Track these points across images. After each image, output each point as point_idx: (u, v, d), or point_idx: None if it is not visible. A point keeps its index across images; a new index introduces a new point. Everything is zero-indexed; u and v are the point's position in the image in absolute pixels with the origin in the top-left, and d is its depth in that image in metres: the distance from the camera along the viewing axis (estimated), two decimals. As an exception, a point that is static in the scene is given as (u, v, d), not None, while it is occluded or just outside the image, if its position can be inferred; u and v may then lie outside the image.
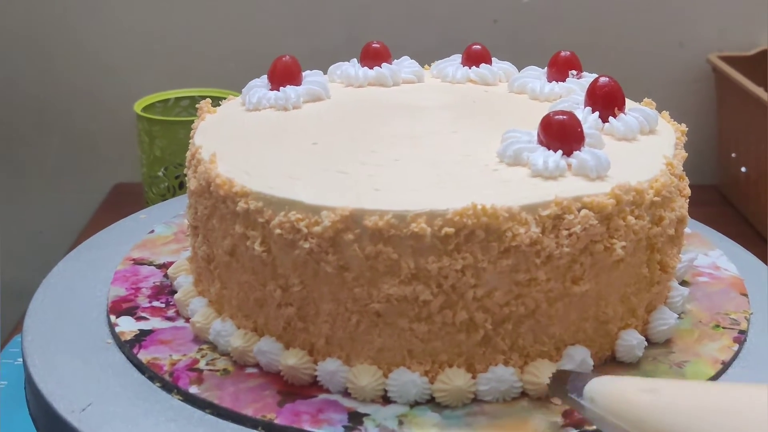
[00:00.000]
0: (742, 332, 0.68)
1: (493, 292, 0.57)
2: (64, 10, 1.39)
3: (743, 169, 1.31)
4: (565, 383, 0.55)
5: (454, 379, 0.59)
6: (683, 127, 0.73)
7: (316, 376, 0.61)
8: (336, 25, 1.39)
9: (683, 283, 0.73)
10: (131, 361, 0.65)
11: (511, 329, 0.59)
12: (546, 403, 0.59)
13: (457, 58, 0.88)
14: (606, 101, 0.69)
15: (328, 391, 0.60)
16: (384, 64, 0.85)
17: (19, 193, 1.47)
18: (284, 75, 0.79)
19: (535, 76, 0.82)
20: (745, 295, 0.73)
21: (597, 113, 0.69)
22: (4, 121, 1.44)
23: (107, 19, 1.39)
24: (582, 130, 0.63)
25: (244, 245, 0.61)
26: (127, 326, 0.68)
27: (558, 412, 0.58)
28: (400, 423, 0.57)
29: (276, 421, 0.57)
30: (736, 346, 0.66)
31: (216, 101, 1.28)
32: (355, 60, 0.87)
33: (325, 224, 0.56)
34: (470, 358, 0.60)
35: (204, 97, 1.27)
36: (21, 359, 0.75)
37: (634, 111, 0.71)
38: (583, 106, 0.71)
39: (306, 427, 0.57)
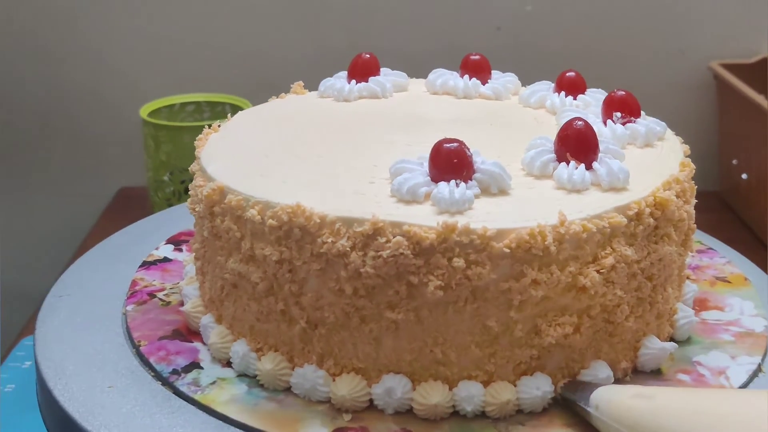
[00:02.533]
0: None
1: (306, 291, 0.60)
2: (70, 15, 1.40)
3: (744, 176, 1.31)
4: (574, 392, 0.60)
5: (267, 363, 0.63)
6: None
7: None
8: (339, 32, 1.40)
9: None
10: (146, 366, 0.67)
11: (324, 334, 0.61)
12: (340, 413, 0.61)
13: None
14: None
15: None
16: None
17: (24, 196, 1.48)
18: (365, 70, 0.86)
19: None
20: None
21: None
22: (10, 124, 1.45)
23: (114, 24, 1.40)
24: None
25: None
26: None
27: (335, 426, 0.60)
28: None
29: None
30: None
31: (221, 106, 1.28)
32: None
33: (206, 192, 0.65)
34: (291, 350, 0.63)
35: (209, 103, 1.28)
36: (28, 363, 0.75)
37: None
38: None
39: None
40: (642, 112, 0.74)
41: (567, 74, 0.80)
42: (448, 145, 0.61)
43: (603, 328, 0.62)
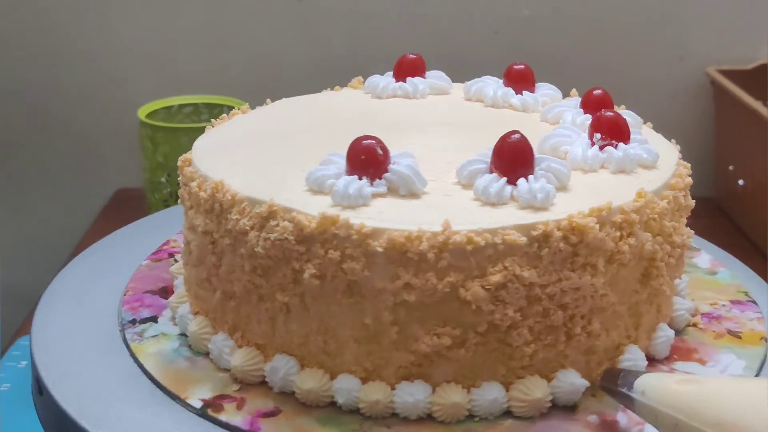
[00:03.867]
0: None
1: (222, 263, 0.65)
2: (67, 16, 1.39)
3: (741, 182, 1.31)
4: (616, 379, 0.59)
5: (194, 326, 0.68)
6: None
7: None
8: (337, 35, 1.40)
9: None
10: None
11: (234, 306, 0.66)
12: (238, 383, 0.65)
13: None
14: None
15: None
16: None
17: (21, 197, 1.48)
18: (408, 70, 0.86)
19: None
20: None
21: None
22: (7, 125, 1.45)
23: (112, 25, 1.40)
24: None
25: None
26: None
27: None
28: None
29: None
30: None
31: (219, 108, 1.29)
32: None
33: (179, 161, 0.71)
34: (213, 317, 0.68)
35: (207, 105, 1.28)
36: (24, 362, 0.76)
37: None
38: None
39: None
40: (639, 132, 0.71)
41: (594, 92, 0.76)
42: (364, 142, 0.62)
43: (498, 349, 0.60)
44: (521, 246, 0.57)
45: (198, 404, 0.62)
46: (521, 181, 0.61)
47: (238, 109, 0.81)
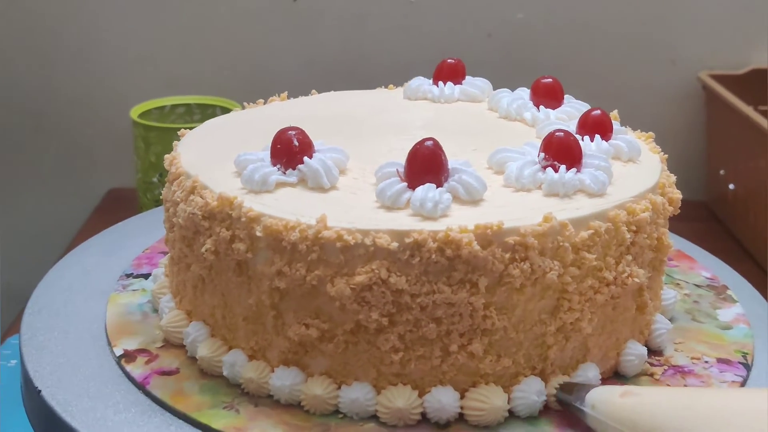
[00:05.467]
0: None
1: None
2: (61, 16, 1.40)
3: (731, 186, 1.32)
4: (570, 393, 0.61)
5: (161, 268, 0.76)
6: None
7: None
8: (331, 36, 1.41)
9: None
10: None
11: (176, 271, 0.70)
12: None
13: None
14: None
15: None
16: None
17: (13, 197, 1.48)
18: (449, 74, 0.87)
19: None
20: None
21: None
22: (1, 124, 1.45)
23: (105, 25, 1.41)
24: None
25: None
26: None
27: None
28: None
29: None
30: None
31: (211, 109, 1.28)
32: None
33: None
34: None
35: (199, 105, 1.28)
36: (14, 361, 0.75)
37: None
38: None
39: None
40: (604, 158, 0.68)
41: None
42: (288, 133, 0.65)
43: (368, 351, 0.61)
44: (392, 251, 0.57)
45: (119, 353, 0.68)
46: (420, 188, 0.60)
47: (278, 96, 0.86)
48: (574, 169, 0.64)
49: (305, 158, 0.64)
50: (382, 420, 0.61)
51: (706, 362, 0.69)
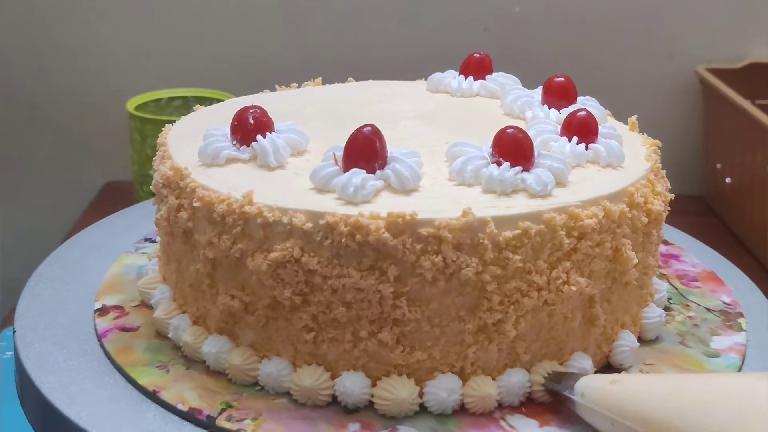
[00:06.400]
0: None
1: None
2: (57, 8, 1.39)
3: (728, 180, 1.32)
4: (559, 383, 0.61)
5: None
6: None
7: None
8: (327, 29, 1.40)
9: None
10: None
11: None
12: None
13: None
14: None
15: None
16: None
17: (9, 190, 1.48)
18: (475, 69, 0.86)
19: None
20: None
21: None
22: (-3, 117, 1.44)
23: (102, 18, 1.40)
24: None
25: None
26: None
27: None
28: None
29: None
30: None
31: (208, 101, 1.28)
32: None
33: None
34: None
35: (196, 98, 1.28)
36: (9, 353, 0.75)
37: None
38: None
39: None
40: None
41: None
42: (249, 111, 0.67)
43: (286, 328, 0.61)
44: (306, 231, 0.58)
45: (98, 306, 0.72)
46: (347, 173, 0.61)
47: (313, 81, 0.88)
48: (518, 168, 0.62)
49: (258, 136, 0.66)
50: (294, 397, 0.61)
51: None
